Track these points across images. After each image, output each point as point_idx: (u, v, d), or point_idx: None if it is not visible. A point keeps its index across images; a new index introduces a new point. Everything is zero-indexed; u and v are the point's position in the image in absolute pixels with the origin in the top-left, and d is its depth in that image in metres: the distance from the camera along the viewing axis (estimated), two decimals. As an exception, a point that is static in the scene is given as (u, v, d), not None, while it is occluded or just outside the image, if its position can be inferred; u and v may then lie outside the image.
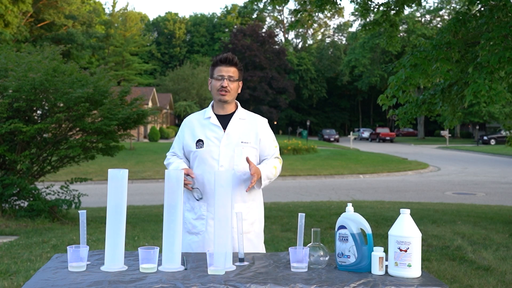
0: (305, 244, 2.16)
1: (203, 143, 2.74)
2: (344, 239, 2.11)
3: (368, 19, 9.62)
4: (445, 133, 47.30)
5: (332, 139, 45.99)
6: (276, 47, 54.97)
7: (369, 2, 9.01)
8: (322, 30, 72.12)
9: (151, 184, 15.31)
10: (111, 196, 2.08)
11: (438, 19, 54.38)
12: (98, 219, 7.91)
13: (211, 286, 1.84)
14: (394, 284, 1.88)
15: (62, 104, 7.63)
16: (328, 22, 74.42)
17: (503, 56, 5.50)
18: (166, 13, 72.15)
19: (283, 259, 2.27)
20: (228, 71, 2.75)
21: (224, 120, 2.79)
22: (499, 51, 5.59)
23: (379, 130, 50.31)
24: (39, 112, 8.04)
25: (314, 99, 61.98)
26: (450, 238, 6.39)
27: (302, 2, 9.47)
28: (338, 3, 8.81)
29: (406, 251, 1.98)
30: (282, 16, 70.83)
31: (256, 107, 50.54)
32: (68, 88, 7.31)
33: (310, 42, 71.47)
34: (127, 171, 2.11)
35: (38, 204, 7.52)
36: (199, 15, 72.92)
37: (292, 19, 37.20)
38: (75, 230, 6.95)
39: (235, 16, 69.84)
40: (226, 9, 72.95)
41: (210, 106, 2.87)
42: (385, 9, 8.86)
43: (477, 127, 47.57)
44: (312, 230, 2.20)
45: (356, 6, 9.35)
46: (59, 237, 6.45)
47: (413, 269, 1.98)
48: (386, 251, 2.05)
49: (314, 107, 63.60)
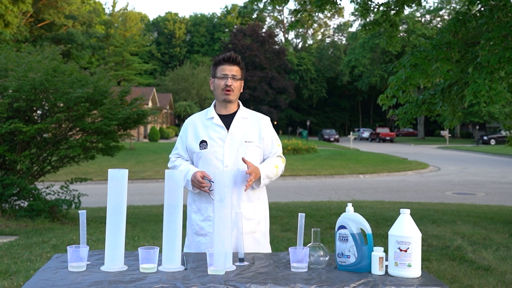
0: (305, 244, 2.16)
1: (206, 144, 2.72)
2: (344, 239, 2.11)
3: (368, 19, 9.63)
4: (445, 133, 47.30)
5: (332, 139, 46.00)
6: (276, 47, 54.98)
7: (369, 2, 9.01)
8: (322, 30, 72.16)
9: (151, 184, 15.31)
10: (111, 196, 2.08)
11: (438, 19, 54.39)
12: (98, 219, 7.91)
13: (211, 286, 1.84)
14: (394, 284, 1.88)
15: (62, 104, 7.63)
16: (328, 22, 74.51)
17: (503, 56, 5.50)
18: (166, 13, 72.19)
19: (283, 259, 2.27)
20: (232, 70, 2.73)
21: (226, 120, 2.77)
22: (499, 51, 5.59)
23: (379, 130, 50.31)
24: (39, 112, 8.04)
25: (314, 99, 61.99)
26: (450, 238, 6.39)
27: (302, 2, 9.47)
28: (338, 3, 8.81)
29: (406, 251, 1.98)
30: (282, 16, 70.88)
31: (256, 107, 50.51)
32: (68, 88, 7.31)
33: (310, 42, 71.49)
34: (127, 171, 2.11)
35: (38, 204, 7.52)
36: (199, 15, 72.95)
37: (292, 19, 37.19)
38: (75, 230, 6.95)
39: (235, 16, 69.86)
40: (226, 9, 73.00)
41: (212, 106, 2.84)
42: (385, 9, 8.86)
43: (477, 127, 47.57)
44: (312, 230, 2.19)
45: (356, 6, 9.35)
46: (59, 237, 6.44)
47: (413, 269, 1.98)
48: (386, 251, 2.05)
49: (314, 107, 63.60)
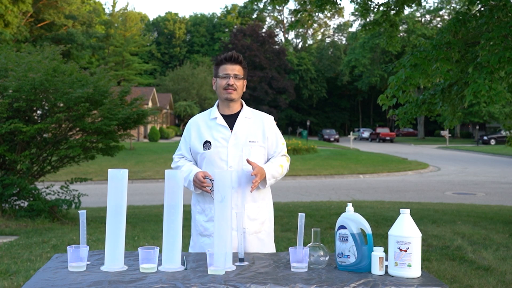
0: (305, 244, 2.16)
1: (210, 145, 2.70)
2: (344, 239, 2.11)
3: (368, 19, 9.63)
4: (445, 133, 47.29)
5: (332, 139, 45.99)
6: (276, 47, 54.96)
7: (369, 2, 9.01)
8: (322, 30, 72.16)
9: (151, 184, 15.31)
10: (111, 196, 2.08)
11: (438, 19, 54.39)
12: (98, 219, 7.91)
13: (211, 286, 1.84)
14: (394, 284, 1.88)
15: (62, 104, 7.63)
16: (328, 22, 74.51)
17: (503, 56, 5.50)
18: (166, 13, 72.19)
19: (283, 259, 2.27)
20: (234, 69, 2.72)
21: (230, 119, 2.76)
22: (499, 51, 5.59)
23: (379, 130, 50.31)
24: (39, 112, 8.04)
25: (314, 99, 61.98)
26: (450, 238, 6.39)
27: (302, 2, 9.47)
28: (338, 3, 8.81)
29: (406, 251, 1.98)
30: (282, 16, 70.88)
31: (256, 107, 50.14)
32: (68, 88, 7.31)
33: (310, 42, 71.49)
34: (127, 171, 2.11)
35: (38, 204, 7.52)
36: (199, 15, 72.95)
37: (292, 19, 37.19)
38: (75, 230, 6.95)
39: (235, 16, 69.86)
40: (226, 9, 73.00)
41: (215, 106, 2.83)
42: (385, 9, 8.86)
43: (477, 127, 47.57)
44: (312, 230, 2.19)
45: (356, 6, 9.35)
46: (59, 237, 6.44)
47: (413, 269, 1.98)
48: (386, 251, 2.05)
49: (314, 107, 63.60)
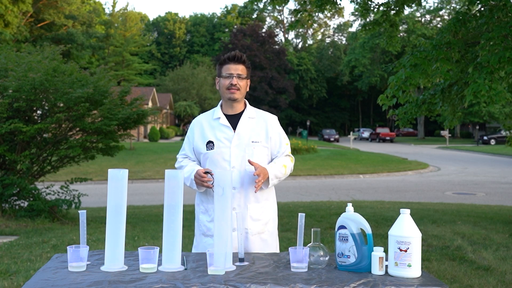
0: (305, 244, 2.16)
1: (213, 145, 2.71)
2: (344, 239, 2.10)
3: (368, 19, 9.63)
4: (445, 133, 47.30)
5: (332, 139, 46.00)
6: (276, 47, 54.97)
7: (369, 2, 9.01)
8: (322, 30, 72.16)
9: (151, 184, 15.31)
10: (111, 196, 2.08)
11: (438, 19, 54.40)
12: (98, 219, 7.91)
13: (211, 286, 1.84)
14: (394, 284, 1.88)
15: (62, 104, 7.63)
16: (328, 22, 74.51)
17: (503, 56, 5.50)
18: (166, 13, 72.20)
19: (283, 259, 2.27)
20: (237, 69, 2.72)
21: (233, 119, 2.76)
22: (499, 51, 5.59)
23: (379, 130, 50.31)
24: (39, 112, 8.04)
25: (314, 99, 61.98)
26: (450, 238, 6.39)
27: (302, 2, 9.47)
28: (338, 3, 8.81)
29: (406, 251, 1.98)
30: (282, 16, 70.87)
31: (256, 107, 50.01)
32: (68, 88, 7.31)
33: (310, 42, 71.49)
34: (127, 171, 2.10)
35: (38, 204, 7.52)
36: (199, 15, 72.96)
37: (292, 19, 37.20)
38: (75, 230, 6.95)
39: (235, 16, 69.86)
40: (226, 9, 73.01)
41: (219, 106, 2.83)
42: (385, 9, 8.86)
43: (477, 127, 47.58)
44: (312, 230, 2.19)
45: (356, 6, 9.35)
46: (59, 237, 6.44)
47: (413, 269, 1.98)
48: (386, 251, 2.05)
49: (314, 107, 63.60)
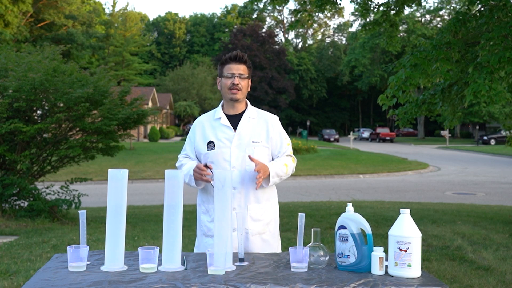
0: (305, 244, 2.16)
1: (214, 145, 2.71)
2: (344, 239, 2.10)
3: (368, 19, 9.63)
4: (445, 133, 47.30)
5: (332, 139, 46.00)
6: (276, 47, 54.97)
7: (369, 2, 9.01)
8: (322, 30, 72.16)
9: (151, 184, 15.31)
10: (111, 196, 2.08)
11: (438, 19, 54.40)
12: (98, 219, 7.91)
13: (211, 286, 1.84)
14: (394, 284, 1.88)
15: (62, 104, 7.63)
16: (328, 22, 74.51)
17: (503, 56, 5.50)
18: (166, 13, 72.21)
19: (283, 259, 2.27)
20: (238, 68, 2.72)
21: (234, 120, 2.76)
22: (499, 51, 5.59)
23: (379, 130, 50.32)
24: (39, 112, 8.04)
25: (314, 99, 61.98)
26: (450, 238, 6.39)
27: (302, 2, 9.47)
28: (338, 3, 8.81)
29: (406, 251, 1.97)
30: (282, 16, 70.87)
31: (256, 107, 50.30)
32: (68, 88, 7.31)
33: (310, 42, 71.49)
34: (127, 171, 2.10)
35: (38, 204, 7.52)
36: (199, 15, 72.97)
37: (292, 19, 37.20)
38: (75, 230, 6.95)
39: (235, 16, 69.86)
40: (226, 9, 73.01)
41: (220, 106, 2.83)
42: (385, 9, 8.86)
43: (477, 127, 47.58)
44: (312, 230, 2.19)
45: (356, 6, 9.35)
46: (59, 237, 6.44)
47: (413, 269, 1.98)
48: (386, 251, 2.05)
49: (314, 107, 63.60)
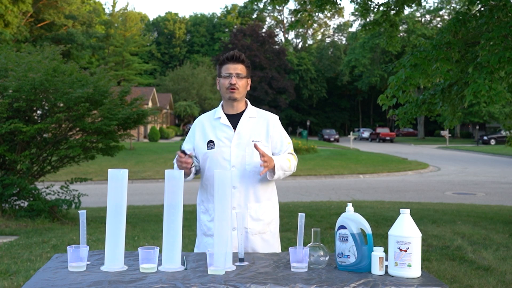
0: (305, 244, 2.16)
1: (214, 144, 2.72)
2: (344, 239, 2.10)
3: (368, 19, 9.63)
4: (445, 133, 47.30)
5: (332, 139, 46.00)
6: (276, 47, 54.96)
7: (369, 2, 9.01)
8: (322, 30, 72.16)
9: (151, 184, 15.31)
10: (111, 196, 2.08)
11: (438, 19, 54.40)
12: (98, 219, 7.91)
13: (211, 286, 1.84)
14: (394, 284, 1.88)
15: (62, 104, 7.63)
16: (328, 22, 74.52)
17: (503, 56, 5.50)
18: (166, 13, 72.22)
19: (283, 259, 2.27)
20: (236, 68, 2.73)
21: (234, 119, 2.77)
22: (499, 51, 5.59)
23: (379, 130, 50.32)
24: (39, 112, 8.04)
25: (314, 99, 61.98)
26: (450, 238, 6.39)
27: (302, 2, 9.47)
28: (338, 3, 8.81)
29: (406, 251, 1.97)
30: (282, 16, 70.86)
31: (256, 107, 50.47)
32: (68, 88, 7.31)
33: (310, 42, 71.49)
34: (127, 171, 2.10)
35: (38, 204, 7.52)
36: (199, 15, 72.97)
37: (292, 19, 37.20)
38: (75, 230, 6.95)
39: (235, 16, 69.87)
40: (226, 9, 73.02)
41: (220, 106, 2.84)
42: (385, 9, 8.86)
43: (477, 127, 47.58)
44: (312, 230, 2.19)
45: (356, 6, 9.35)
46: (59, 237, 6.44)
47: (413, 269, 1.98)
48: (386, 251, 2.05)
49: (314, 107, 63.60)
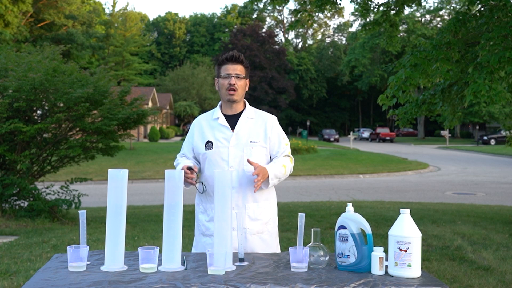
0: (305, 244, 2.16)
1: (212, 145, 2.71)
2: (344, 239, 2.10)
3: (368, 19, 9.63)
4: (445, 133, 47.30)
5: (332, 139, 46.00)
6: (276, 47, 54.95)
7: (369, 2, 9.01)
8: (322, 30, 72.15)
9: (151, 184, 15.31)
10: (111, 196, 2.08)
11: (438, 19, 54.40)
12: (98, 219, 7.91)
13: (211, 286, 1.84)
14: (394, 284, 1.88)
15: (62, 104, 7.63)
16: (328, 22, 74.51)
17: (503, 56, 5.50)
18: (166, 13, 72.21)
19: (283, 259, 2.27)
20: (235, 69, 2.72)
21: (232, 120, 2.77)
22: (499, 51, 5.59)
23: (379, 130, 50.32)
24: (39, 112, 8.04)
25: (314, 99, 61.99)
26: (450, 238, 6.39)
27: (302, 2, 9.47)
28: (338, 3, 8.80)
29: (406, 251, 1.97)
30: (282, 16, 70.86)
31: (256, 107, 49.99)
32: (68, 88, 7.31)
33: (310, 42, 71.49)
34: (127, 171, 2.10)
35: (38, 204, 7.52)
36: (199, 15, 72.97)
37: (292, 19, 37.18)
38: (75, 230, 6.95)
39: (235, 16, 69.86)
40: (226, 9, 73.01)
41: (218, 107, 2.84)
42: (385, 9, 8.86)
43: (477, 127, 47.59)
44: (312, 230, 2.19)
45: (356, 6, 9.35)
46: (59, 237, 6.44)
47: (413, 269, 1.98)
48: (386, 251, 2.05)
49: (314, 107, 63.60)
